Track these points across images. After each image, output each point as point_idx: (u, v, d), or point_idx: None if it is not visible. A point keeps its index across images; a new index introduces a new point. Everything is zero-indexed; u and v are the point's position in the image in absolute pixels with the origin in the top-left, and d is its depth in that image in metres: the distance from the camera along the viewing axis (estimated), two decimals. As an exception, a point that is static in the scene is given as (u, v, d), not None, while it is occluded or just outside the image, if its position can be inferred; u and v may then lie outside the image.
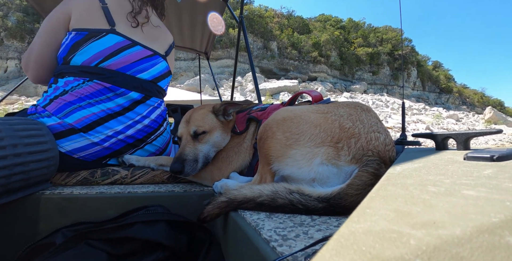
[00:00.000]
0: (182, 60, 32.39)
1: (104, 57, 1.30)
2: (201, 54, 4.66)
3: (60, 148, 1.21)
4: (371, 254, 0.21)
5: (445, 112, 32.39)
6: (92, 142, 1.25)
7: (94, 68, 1.28)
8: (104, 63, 1.30)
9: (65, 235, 0.88)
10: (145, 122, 1.40)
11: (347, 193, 0.71)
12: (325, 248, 0.22)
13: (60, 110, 1.23)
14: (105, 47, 1.30)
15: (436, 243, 0.22)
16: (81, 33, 1.27)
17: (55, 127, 1.21)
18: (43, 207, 1.02)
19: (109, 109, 1.29)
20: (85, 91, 1.26)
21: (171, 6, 3.32)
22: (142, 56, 1.41)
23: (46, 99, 1.28)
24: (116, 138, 1.30)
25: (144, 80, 1.41)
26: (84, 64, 1.28)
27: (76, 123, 1.23)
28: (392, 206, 0.32)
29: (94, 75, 1.28)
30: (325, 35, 42.46)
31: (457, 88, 56.04)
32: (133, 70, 1.37)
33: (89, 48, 1.27)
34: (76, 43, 1.27)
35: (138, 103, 1.38)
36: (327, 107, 0.95)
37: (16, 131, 0.97)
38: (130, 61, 1.36)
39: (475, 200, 0.34)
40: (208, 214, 0.79)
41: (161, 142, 1.52)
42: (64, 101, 1.24)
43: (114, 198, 1.05)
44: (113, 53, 1.31)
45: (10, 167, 0.89)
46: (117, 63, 1.32)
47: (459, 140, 0.81)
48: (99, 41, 1.29)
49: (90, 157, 1.27)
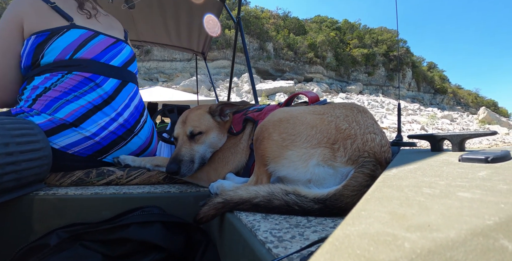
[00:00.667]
0: (178, 61, 32.33)
1: (74, 49, 1.31)
2: (198, 54, 4.65)
3: (54, 144, 1.20)
4: (365, 258, 0.21)
5: (440, 112, 32.67)
6: (85, 136, 1.26)
7: (70, 61, 1.29)
8: (76, 55, 1.31)
9: (59, 236, 0.87)
10: (130, 110, 1.43)
11: (343, 194, 0.71)
12: (319, 252, 0.22)
13: (48, 107, 1.22)
14: (72, 40, 1.31)
15: (431, 246, 0.22)
16: (43, 34, 1.27)
17: (46, 125, 1.20)
18: (37, 208, 1.01)
19: (94, 100, 1.30)
20: (68, 84, 1.26)
21: (169, 7, 3.32)
22: (107, 44, 1.44)
23: (28, 100, 1.25)
24: (107, 129, 1.31)
25: (116, 67, 1.44)
26: (58, 59, 1.28)
27: (67, 117, 1.23)
28: (387, 208, 0.32)
29: (72, 67, 1.29)
30: (321, 36, 42.63)
31: (451, 89, 56.52)
32: (104, 59, 1.39)
33: (56, 45, 1.28)
34: (39, 45, 1.26)
35: (119, 91, 1.40)
36: (323, 108, 0.95)
37: (7, 130, 0.96)
38: (99, 50, 1.39)
39: (470, 202, 0.34)
40: (204, 215, 0.79)
41: (147, 132, 1.54)
42: (50, 97, 1.23)
43: (110, 198, 1.04)
44: (81, 44, 1.33)
45: (2, 166, 0.88)
46: (88, 53, 1.34)
47: (454, 141, 0.82)
48: (63, 37, 1.30)
49: (85, 152, 1.28)
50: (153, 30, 3.85)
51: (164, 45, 4.31)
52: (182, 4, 3.29)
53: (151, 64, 31.62)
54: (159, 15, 3.46)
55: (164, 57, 32.07)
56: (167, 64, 32.22)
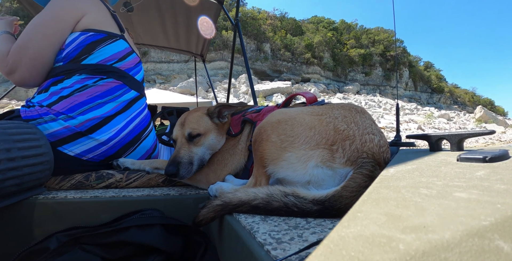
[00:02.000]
0: (175, 63, 32.38)
1: (119, 58, 1.41)
2: (197, 56, 4.66)
3: (69, 151, 1.23)
4: (359, 260, 0.21)
5: (437, 112, 32.72)
6: (100, 142, 1.29)
7: (110, 67, 1.37)
8: (117, 64, 1.40)
9: (59, 240, 0.87)
10: (139, 119, 1.50)
11: (342, 195, 0.71)
12: (314, 254, 0.22)
13: (72, 110, 1.24)
14: (119, 50, 1.41)
15: (425, 248, 0.22)
16: (100, 34, 1.33)
17: (62, 132, 1.21)
18: (37, 211, 1.01)
19: (114, 108, 1.36)
20: (99, 89, 1.31)
21: (167, 9, 3.32)
22: (136, 62, 1.55)
23: (51, 97, 1.24)
24: (118, 136, 1.35)
25: (138, 81, 1.55)
26: (99, 63, 1.33)
27: (88, 122, 1.26)
28: (384, 210, 0.32)
29: (111, 73, 1.36)
30: (318, 37, 42.73)
31: (448, 88, 56.64)
32: (132, 72, 1.50)
33: (106, 49, 1.35)
34: (93, 43, 1.31)
35: (134, 101, 1.48)
36: (321, 109, 0.95)
37: (9, 135, 0.96)
38: (132, 65, 1.50)
39: (466, 202, 0.34)
40: (203, 217, 0.79)
41: (152, 139, 1.61)
42: (76, 101, 1.25)
43: (109, 202, 1.04)
44: (123, 56, 1.44)
45: (4, 171, 0.88)
46: (124, 65, 1.44)
47: (453, 141, 0.82)
48: (114, 44, 1.38)
49: (98, 157, 1.32)
50: (152, 33, 3.85)
51: (163, 48, 4.31)
52: (180, 7, 3.30)
53: (148, 66, 31.65)
54: (158, 18, 3.47)
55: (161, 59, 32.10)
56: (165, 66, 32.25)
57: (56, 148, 1.21)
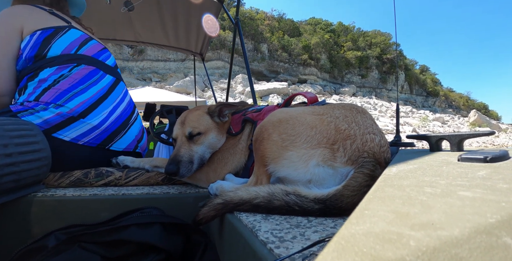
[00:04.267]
0: (172, 61, 32.22)
1: (78, 45, 1.43)
2: (196, 55, 4.65)
3: (64, 136, 1.25)
4: (372, 256, 0.21)
5: (432, 115, 32.94)
6: (92, 125, 1.32)
7: (76, 55, 1.40)
8: (80, 51, 1.42)
9: (57, 238, 0.86)
10: (124, 103, 1.54)
11: (343, 194, 0.71)
12: (326, 251, 0.22)
13: (58, 98, 1.26)
14: (75, 38, 1.43)
15: (436, 244, 0.22)
16: (48, 30, 1.36)
17: (55, 119, 1.23)
18: (35, 209, 1.00)
19: (97, 93, 1.39)
20: (77, 76, 1.34)
21: (167, 7, 3.32)
22: (99, 48, 1.56)
23: (34, 92, 1.26)
24: (109, 119, 1.40)
25: (110, 66, 1.57)
26: (64, 53, 1.37)
27: (77, 107, 1.28)
28: (390, 207, 0.32)
29: (80, 60, 1.39)
30: (315, 38, 42.75)
31: (443, 92, 56.97)
32: (100, 58, 1.53)
33: (62, 40, 1.38)
34: (46, 39, 1.34)
35: (114, 86, 1.51)
36: (322, 109, 0.96)
37: (6, 131, 0.95)
38: (95, 51, 1.52)
39: (471, 201, 0.34)
40: (203, 216, 0.79)
41: (139, 124, 1.65)
42: (59, 89, 1.28)
43: (108, 200, 1.04)
44: (82, 43, 1.46)
45: (1, 167, 0.88)
46: (88, 51, 1.47)
47: (453, 142, 0.82)
48: (67, 34, 1.41)
49: (94, 141, 1.34)
50: (151, 31, 3.84)
51: (162, 46, 4.30)
52: (180, 5, 3.29)
53: (144, 64, 31.45)
54: (157, 16, 3.45)
55: (157, 57, 31.92)
56: (161, 64, 32.08)
57: (51, 135, 1.22)
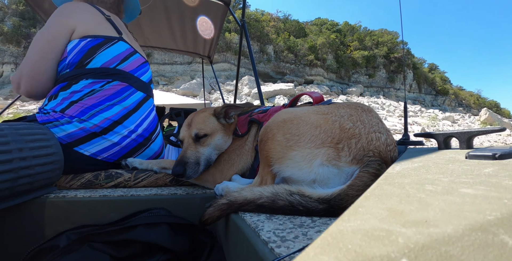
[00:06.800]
0: (179, 64, 32.57)
1: (120, 60, 1.45)
2: (204, 58, 4.69)
3: (85, 151, 1.29)
4: (356, 252, 0.20)
5: (441, 114, 32.11)
6: (113, 142, 1.35)
7: (114, 70, 1.41)
8: (119, 66, 1.44)
9: (69, 238, 0.88)
10: (148, 121, 1.55)
11: (347, 194, 0.70)
12: (311, 247, 0.22)
13: (83, 113, 1.30)
14: (119, 52, 1.45)
15: (425, 241, 0.22)
16: (97, 39, 1.38)
17: (78, 133, 1.27)
18: (48, 210, 1.03)
19: (123, 109, 1.41)
20: (108, 92, 1.37)
21: (174, 12, 3.36)
22: (140, 62, 1.59)
23: (62, 103, 1.30)
24: (130, 137, 1.41)
25: (144, 82, 1.59)
26: (103, 66, 1.38)
27: (101, 123, 1.32)
28: (386, 205, 0.32)
29: (115, 75, 1.41)
30: (321, 39, 42.39)
31: (453, 90, 55.44)
32: (137, 73, 1.54)
33: (106, 52, 1.40)
34: (93, 48, 1.36)
35: (142, 103, 1.53)
36: (327, 108, 0.95)
37: (21, 135, 0.99)
38: (135, 66, 1.54)
39: (472, 198, 0.33)
40: (209, 216, 0.79)
41: (160, 140, 1.67)
42: (86, 104, 1.31)
43: (117, 201, 1.06)
44: (125, 58, 1.48)
45: (16, 170, 0.91)
46: (128, 67, 1.48)
47: (462, 139, 0.80)
48: (113, 47, 1.43)
49: (112, 157, 1.37)
50: (159, 35, 3.90)
51: (170, 50, 4.36)
52: (187, 9, 3.33)
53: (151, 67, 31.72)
54: (165, 20, 3.51)
55: (164, 61, 32.34)
56: (168, 68, 32.48)
57: (73, 148, 1.27)
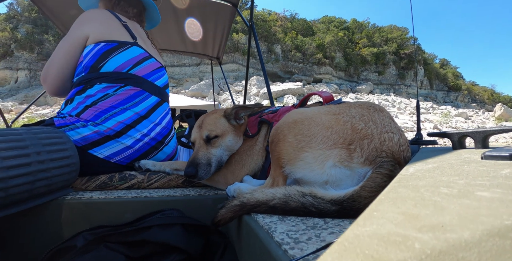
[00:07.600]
0: (187, 66, 32.75)
1: (133, 64, 1.47)
2: (213, 59, 4.72)
3: (99, 154, 1.33)
4: (373, 258, 0.21)
5: (454, 110, 31.30)
6: (126, 145, 1.39)
7: (127, 74, 1.45)
8: (133, 70, 1.47)
9: (85, 238, 0.91)
10: (162, 125, 1.57)
11: (360, 195, 0.70)
12: (328, 252, 0.22)
13: (97, 117, 1.34)
14: (132, 56, 1.48)
15: (442, 247, 0.22)
16: (111, 44, 1.43)
17: (92, 137, 1.31)
18: (65, 211, 1.06)
19: (137, 113, 1.43)
20: (121, 96, 1.40)
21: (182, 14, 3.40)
22: (155, 67, 1.62)
23: (77, 107, 1.36)
24: (143, 141, 1.43)
25: (159, 86, 1.60)
26: (117, 70, 1.42)
27: (114, 127, 1.35)
28: (401, 209, 0.32)
29: (128, 80, 1.44)
30: (329, 37, 41.83)
31: (466, 86, 53.80)
32: (151, 78, 1.57)
33: (120, 57, 1.43)
34: (107, 52, 1.41)
35: (156, 107, 1.55)
36: (338, 108, 0.94)
37: (39, 139, 1.02)
38: (149, 70, 1.56)
39: (488, 201, 0.33)
40: (221, 217, 0.80)
41: (174, 143, 1.68)
42: (99, 109, 1.35)
43: (131, 202, 1.08)
44: (138, 62, 1.50)
45: (34, 173, 0.94)
46: (141, 71, 1.51)
47: (477, 138, 0.78)
48: (127, 51, 1.47)
49: (125, 160, 1.40)
50: (169, 38, 3.94)
51: (180, 52, 4.40)
52: (196, 11, 3.36)
53: (161, 70, 32.28)
54: (174, 23, 3.54)
55: (173, 63, 32.58)
56: (177, 70, 32.73)
57: (87, 151, 1.31)
